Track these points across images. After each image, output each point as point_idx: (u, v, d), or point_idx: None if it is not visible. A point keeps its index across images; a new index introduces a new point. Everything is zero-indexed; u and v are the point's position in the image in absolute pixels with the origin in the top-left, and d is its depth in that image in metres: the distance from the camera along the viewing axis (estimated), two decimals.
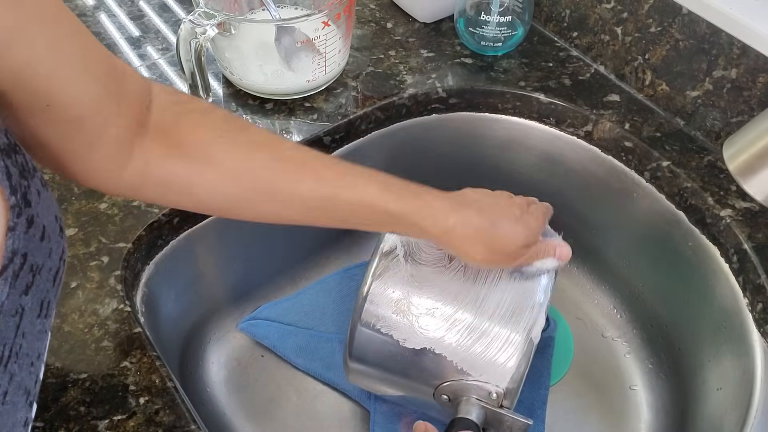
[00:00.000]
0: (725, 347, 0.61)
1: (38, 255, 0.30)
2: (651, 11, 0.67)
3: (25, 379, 0.30)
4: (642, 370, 0.73)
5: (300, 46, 0.68)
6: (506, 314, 0.52)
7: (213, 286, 0.72)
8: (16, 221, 0.28)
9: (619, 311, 0.77)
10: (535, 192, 0.79)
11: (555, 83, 0.73)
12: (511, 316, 0.52)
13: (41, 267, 0.30)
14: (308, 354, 0.73)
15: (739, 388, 0.57)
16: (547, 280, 0.54)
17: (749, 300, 0.59)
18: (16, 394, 0.29)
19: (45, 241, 0.31)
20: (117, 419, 0.48)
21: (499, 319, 0.52)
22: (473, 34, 0.75)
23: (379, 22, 0.81)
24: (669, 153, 0.67)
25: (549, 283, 0.54)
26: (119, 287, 0.56)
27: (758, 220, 0.61)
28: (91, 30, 0.79)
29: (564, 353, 0.75)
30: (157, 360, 0.52)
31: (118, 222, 0.60)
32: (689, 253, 0.65)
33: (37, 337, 0.31)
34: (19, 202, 0.29)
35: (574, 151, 0.73)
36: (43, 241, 0.30)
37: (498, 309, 0.52)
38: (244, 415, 0.70)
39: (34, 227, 0.30)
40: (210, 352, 0.73)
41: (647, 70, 0.70)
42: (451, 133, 0.76)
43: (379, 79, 0.73)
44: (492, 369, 0.51)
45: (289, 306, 0.76)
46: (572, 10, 0.76)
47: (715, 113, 0.66)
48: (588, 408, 0.71)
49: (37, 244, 0.30)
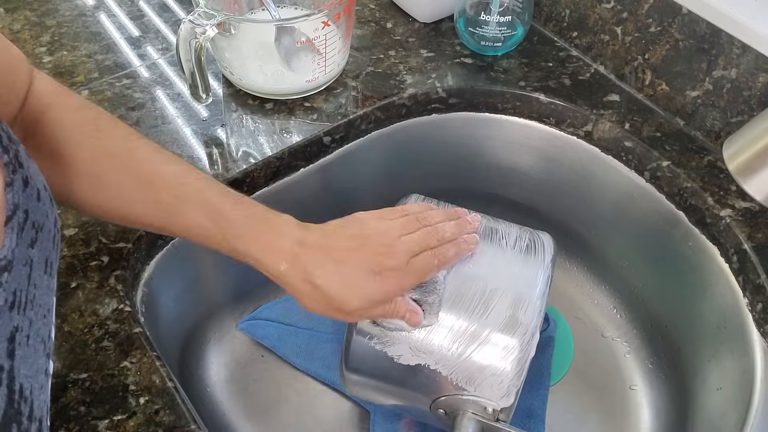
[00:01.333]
0: (725, 347, 0.61)
1: (38, 214, 0.30)
2: (651, 11, 0.67)
3: (41, 329, 0.30)
4: (642, 370, 0.73)
5: (300, 46, 0.68)
6: (503, 327, 0.51)
7: (213, 286, 0.72)
8: (13, 177, 0.29)
9: (619, 311, 0.77)
10: (536, 192, 0.80)
11: (555, 83, 0.73)
12: (507, 330, 0.51)
13: (42, 225, 0.31)
14: (308, 354, 0.73)
15: (739, 388, 0.57)
16: (543, 290, 0.52)
17: (749, 300, 0.59)
18: (35, 339, 0.29)
19: (41, 203, 0.31)
20: (117, 419, 0.48)
21: (495, 332, 0.51)
22: (473, 34, 0.75)
23: (379, 22, 0.81)
24: (669, 153, 0.67)
25: (545, 291, 0.53)
26: (119, 287, 0.56)
27: (758, 220, 0.61)
28: (90, 30, 0.80)
29: (564, 353, 0.75)
30: (157, 360, 0.52)
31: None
32: (689, 253, 0.65)
33: (45, 291, 0.31)
34: (12, 161, 0.29)
35: (573, 151, 0.73)
36: (40, 202, 0.31)
37: (494, 322, 0.51)
38: (244, 415, 0.70)
39: (30, 188, 0.30)
40: (210, 352, 0.73)
41: (647, 70, 0.70)
42: (451, 133, 0.76)
43: (379, 79, 0.73)
44: (488, 384, 0.50)
45: (289, 306, 0.76)
46: (572, 9, 0.76)
47: (715, 113, 0.66)
48: (588, 408, 0.71)
49: (35, 204, 0.30)
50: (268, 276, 0.47)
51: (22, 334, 0.28)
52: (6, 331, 0.27)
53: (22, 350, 0.28)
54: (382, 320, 0.51)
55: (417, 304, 0.50)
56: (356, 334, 0.53)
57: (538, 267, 0.54)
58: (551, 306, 0.78)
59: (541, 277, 0.53)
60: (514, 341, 0.50)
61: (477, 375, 0.51)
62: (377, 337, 0.52)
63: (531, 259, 0.55)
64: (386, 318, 0.50)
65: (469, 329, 0.51)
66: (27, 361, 0.29)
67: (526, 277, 0.53)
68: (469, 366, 0.51)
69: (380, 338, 0.52)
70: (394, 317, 0.49)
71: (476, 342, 0.51)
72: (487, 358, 0.50)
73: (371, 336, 0.52)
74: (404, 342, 0.51)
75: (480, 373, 0.51)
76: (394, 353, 0.52)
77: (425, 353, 0.51)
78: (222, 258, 0.71)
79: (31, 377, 0.29)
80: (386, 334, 0.52)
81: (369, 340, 0.52)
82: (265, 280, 0.79)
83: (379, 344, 0.52)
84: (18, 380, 0.27)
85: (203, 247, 0.49)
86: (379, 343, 0.52)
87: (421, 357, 0.51)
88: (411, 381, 0.53)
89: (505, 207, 0.81)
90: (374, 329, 0.52)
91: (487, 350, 0.50)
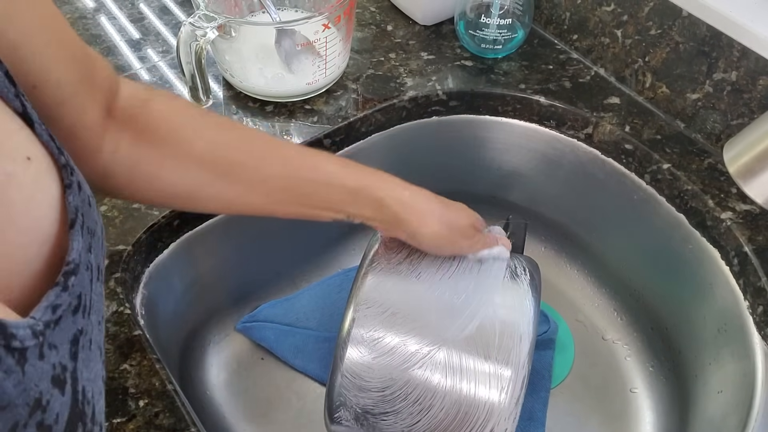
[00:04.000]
0: (726, 350, 0.61)
1: (89, 220, 0.30)
2: (651, 14, 0.67)
3: (97, 335, 0.30)
4: (642, 373, 0.73)
5: (300, 49, 0.68)
6: (487, 379, 0.50)
7: (212, 288, 0.72)
8: (71, 179, 0.29)
9: (620, 314, 0.77)
10: (536, 195, 0.79)
11: (555, 86, 0.73)
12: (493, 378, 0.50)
13: (94, 231, 0.31)
14: (306, 355, 0.73)
15: (740, 390, 0.57)
16: (532, 315, 0.51)
17: (750, 303, 0.59)
18: (94, 345, 0.29)
19: (92, 209, 0.31)
20: (117, 422, 0.48)
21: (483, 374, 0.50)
22: (473, 36, 0.75)
23: (380, 24, 0.81)
24: (669, 155, 0.67)
25: (534, 315, 0.52)
26: (119, 290, 0.56)
27: (759, 222, 0.61)
28: (91, 32, 0.80)
29: (564, 356, 0.75)
30: (156, 363, 0.52)
31: (118, 224, 0.60)
32: (689, 255, 0.65)
33: (99, 298, 0.31)
34: (68, 162, 0.29)
35: (574, 154, 0.73)
36: (91, 208, 0.31)
37: (480, 359, 0.50)
38: (243, 417, 0.70)
39: (83, 192, 0.30)
40: (210, 355, 0.73)
41: (647, 73, 0.70)
42: (452, 135, 0.76)
43: (380, 82, 0.73)
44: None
45: (289, 306, 0.76)
46: (572, 12, 0.76)
47: (716, 116, 0.66)
48: (588, 411, 0.71)
49: (87, 209, 0.30)
50: (381, 213, 0.49)
51: (85, 338, 0.28)
52: (70, 334, 0.26)
53: (84, 353, 0.28)
54: (482, 253, 0.53)
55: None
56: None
57: (524, 296, 0.53)
58: (552, 309, 0.78)
59: (529, 305, 0.53)
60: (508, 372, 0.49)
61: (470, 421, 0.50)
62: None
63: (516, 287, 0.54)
64: (487, 246, 0.53)
65: (459, 374, 0.50)
66: (88, 365, 0.28)
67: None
68: (460, 417, 0.50)
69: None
70: (493, 244, 0.53)
71: (466, 385, 0.50)
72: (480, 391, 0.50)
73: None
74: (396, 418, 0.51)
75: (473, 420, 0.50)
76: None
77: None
78: (222, 260, 0.71)
79: (91, 381, 0.29)
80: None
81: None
82: (265, 283, 0.79)
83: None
84: (81, 382, 0.27)
85: (204, 250, 0.49)
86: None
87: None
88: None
89: (505, 209, 0.81)
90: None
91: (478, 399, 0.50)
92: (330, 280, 0.78)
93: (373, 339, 0.50)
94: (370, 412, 0.51)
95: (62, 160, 0.29)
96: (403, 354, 0.50)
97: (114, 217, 0.61)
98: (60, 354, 0.25)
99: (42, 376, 0.23)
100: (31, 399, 0.22)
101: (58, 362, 0.25)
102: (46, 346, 0.24)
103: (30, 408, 0.22)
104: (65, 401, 0.25)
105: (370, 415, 0.51)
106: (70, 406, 0.25)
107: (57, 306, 0.25)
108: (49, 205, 0.28)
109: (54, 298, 0.25)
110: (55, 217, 0.28)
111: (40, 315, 0.24)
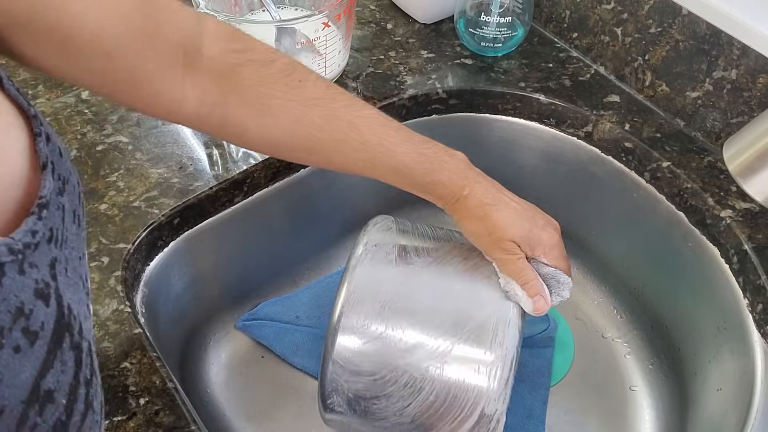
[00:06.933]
0: (725, 348, 0.61)
1: (62, 169, 0.32)
2: (651, 12, 0.67)
3: (78, 268, 0.32)
4: (642, 371, 0.73)
5: (300, 47, 0.68)
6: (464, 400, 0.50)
7: (213, 286, 0.72)
8: (39, 128, 0.31)
9: (620, 312, 0.77)
10: (536, 193, 0.79)
11: (555, 84, 0.73)
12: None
13: (67, 179, 0.32)
14: (305, 352, 0.73)
15: (740, 388, 0.57)
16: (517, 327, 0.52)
17: (749, 301, 0.59)
18: (74, 274, 0.31)
19: (63, 159, 0.32)
20: (117, 420, 0.48)
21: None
22: (473, 34, 0.75)
23: (379, 22, 0.81)
24: (669, 154, 0.67)
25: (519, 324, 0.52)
26: (119, 288, 0.56)
27: (758, 220, 0.61)
28: None
29: (564, 354, 0.75)
30: (157, 361, 0.52)
31: (119, 222, 0.60)
32: (689, 253, 0.65)
33: (76, 237, 0.33)
34: (37, 114, 0.31)
35: (574, 152, 0.73)
36: (62, 158, 0.32)
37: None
38: (244, 415, 0.70)
39: (52, 143, 0.31)
40: (210, 353, 0.73)
41: (647, 71, 0.70)
42: (451, 133, 0.76)
43: (380, 80, 0.73)
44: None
45: (289, 304, 0.76)
46: (572, 10, 0.76)
47: (715, 114, 0.66)
48: (588, 409, 0.71)
49: (58, 158, 0.32)
50: (439, 202, 0.52)
51: (61, 266, 0.30)
52: (47, 259, 0.28)
53: (63, 278, 0.30)
54: (503, 282, 0.52)
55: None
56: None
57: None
58: (551, 307, 0.78)
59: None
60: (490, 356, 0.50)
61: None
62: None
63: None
64: (518, 278, 0.51)
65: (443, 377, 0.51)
66: (69, 288, 0.30)
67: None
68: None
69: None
70: (524, 283, 0.51)
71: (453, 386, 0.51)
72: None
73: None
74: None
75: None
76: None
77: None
78: (222, 259, 0.71)
79: (76, 303, 0.30)
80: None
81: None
82: (265, 281, 0.79)
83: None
84: (65, 299, 0.29)
85: (204, 248, 0.49)
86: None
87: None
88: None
89: None
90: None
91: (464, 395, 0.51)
92: (329, 279, 0.78)
93: (362, 325, 0.51)
94: (362, 397, 0.52)
95: (32, 111, 0.31)
96: (393, 339, 0.51)
97: (114, 215, 0.61)
98: (41, 273, 0.28)
99: (23, 288, 0.26)
100: (12, 307, 0.25)
101: (40, 278, 0.27)
102: (27, 264, 0.26)
103: (12, 315, 0.25)
104: (50, 312, 0.27)
105: (362, 400, 0.52)
106: (55, 317, 0.28)
107: (35, 231, 0.28)
108: (19, 152, 0.29)
109: (32, 225, 0.28)
110: (26, 163, 0.29)
111: (20, 237, 0.27)
